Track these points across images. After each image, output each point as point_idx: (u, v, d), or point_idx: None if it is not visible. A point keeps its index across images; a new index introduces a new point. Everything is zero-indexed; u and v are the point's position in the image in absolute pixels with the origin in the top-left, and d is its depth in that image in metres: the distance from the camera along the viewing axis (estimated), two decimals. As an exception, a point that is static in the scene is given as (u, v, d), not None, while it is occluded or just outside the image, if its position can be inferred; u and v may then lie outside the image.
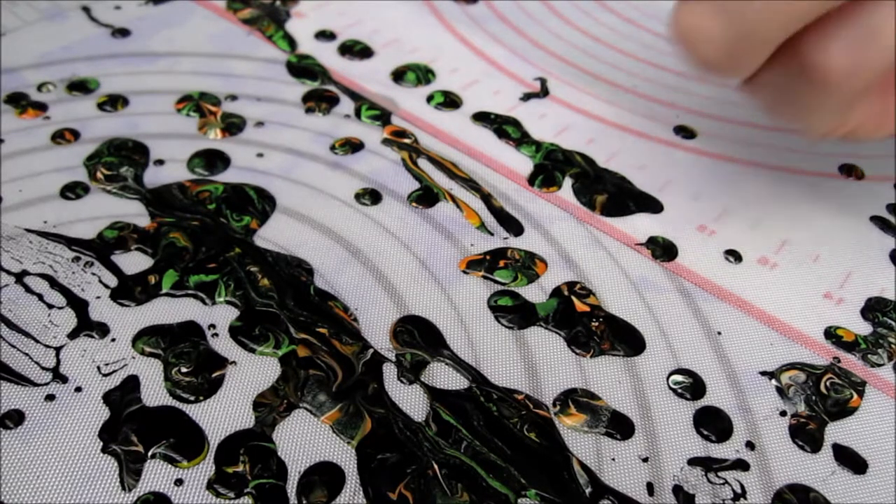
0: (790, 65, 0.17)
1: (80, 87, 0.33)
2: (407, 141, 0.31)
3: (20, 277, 0.25)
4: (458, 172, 0.30)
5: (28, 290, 0.24)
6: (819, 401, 0.23)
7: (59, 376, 0.22)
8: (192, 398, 0.22)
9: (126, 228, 0.27)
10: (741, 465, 0.21)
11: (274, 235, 0.27)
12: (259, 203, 0.28)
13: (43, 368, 0.23)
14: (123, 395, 0.22)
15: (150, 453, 0.21)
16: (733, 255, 0.27)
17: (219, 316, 0.24)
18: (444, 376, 0.23)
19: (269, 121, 0.32)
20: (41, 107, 0.31)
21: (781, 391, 0.23)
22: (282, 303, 0.25)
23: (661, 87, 0.35)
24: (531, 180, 0.30)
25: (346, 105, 0.33)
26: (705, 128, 0.33)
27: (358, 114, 0.32)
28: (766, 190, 0.30)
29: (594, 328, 0.25)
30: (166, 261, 0.26)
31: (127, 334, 0.24)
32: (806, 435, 0.22)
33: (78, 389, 0.22)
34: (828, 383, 0.24)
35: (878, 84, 0.18)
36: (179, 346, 0.23)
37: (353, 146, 0.31)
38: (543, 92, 0.34)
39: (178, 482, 0.20)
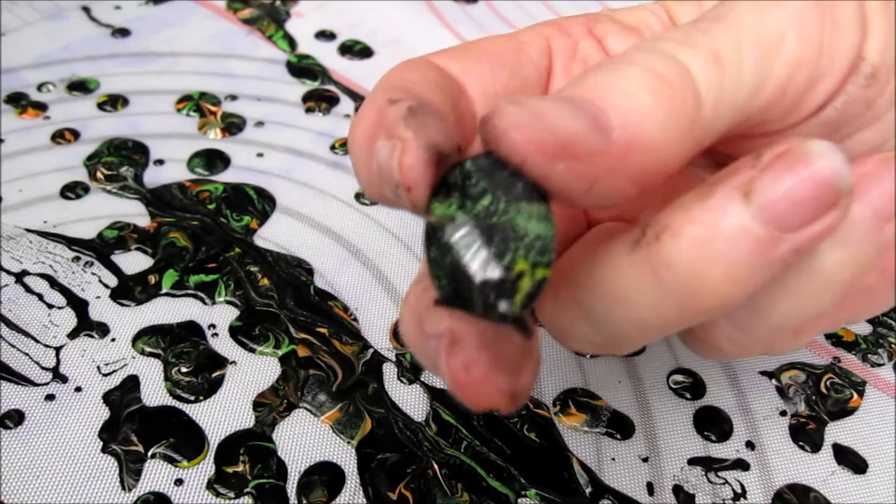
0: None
1: (80, 87, 0.33)
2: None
3: (20, 277, 0.25)
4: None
5: (28, 290, 0.24)
6: (819, 401, 0.23)
7: (59, 376, 0.22)
8: (192, 398, 0.22)
9: (126, 228, 0.27)
10: (741, 465, 0.21)
11: (274, 235, 0.27)
12: (259, 203, 0.28)
13: (43, 368, 0.23)
14: (123, 395, 0.22)
15: (150, 453, 0.21)
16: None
17: (219, 316, 0.24)
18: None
19: (269, 121, 0.32)
20: (41, 107, 0.31)
21: (781, 391, 0.23)
22: (282, 303, 0.25)
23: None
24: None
25: (346, 105, 0.33)
26: None
27: (358, 114, 0.32)
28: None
29: (594, 328, 0.25)
30: (166, 261, 0.26)
31: (127, 334, 0.24)
32: (806, 435, 0.22)
33: (78, 389, 0.22)
34: (828, 383, 0.24)
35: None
36: (179, 346, 0.23)
37: (353, 146, 0.31)
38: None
39: (178, 482, 0.20)
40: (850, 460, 0.22)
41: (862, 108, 0.15)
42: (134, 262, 0.26)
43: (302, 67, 0.34)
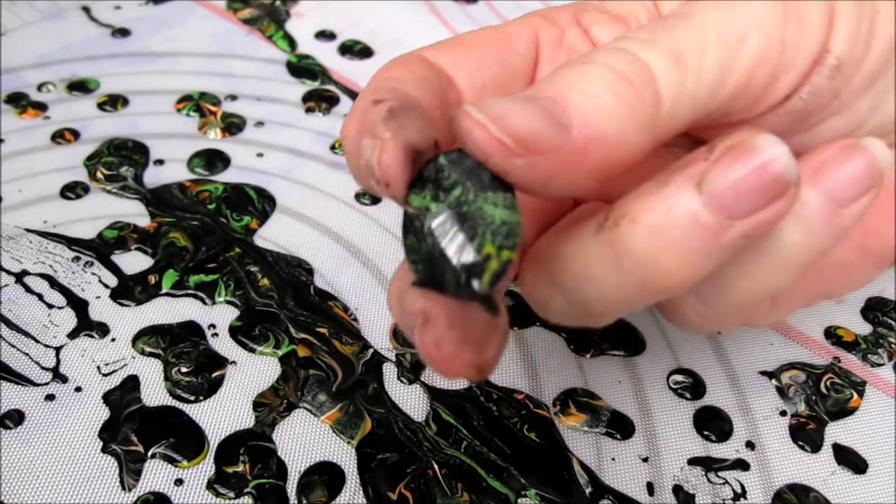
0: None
1: (80, 87, 0.33)
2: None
3: (20, 277, 0.25)
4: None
5: (28, 290, 0.24)
6: (819, 401, 0.23)
7: (59, 376, 0.22)
8: (192, 398, 0.22)
9: (126, 228, 0.27)
10: (741, 465, 0.21)
11: (274, 235, 0.27)
12: (259, 203, 0.28)
13: (43, 368, 0.23)
14: (123, 395, 0.22)
15: (150, 453, 0.21)
16: (733, 255, 0.27)
17: (219, 316, 0.24)
18: (444, 376, 0.23)
19: (269, 121, 0.32)
20: (41, 107, 0.31)
21: (781, 391, 0.23)
22: (282, 303, 0.25)
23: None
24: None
25: (346, 105, 0.33)
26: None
27: (358, 114, 0.32)
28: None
29: (594, 328, 0.25)
30: (166, 261, 0.26)
31: (127, 334, 0.24)
32: (806, 435, 0.22)
33: (78, 389, 0.22)
34: (828, 383, 0.24)
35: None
36: (179, 346, 0.23)
37: (353, 146, 0.31)
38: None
39: (178, 482, 0.20)
40: (850, 460, 0.22)
41: (828, 98, 0.16)
42: (134, 262, 0.26)
43: (302, 67, 0.34)
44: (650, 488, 0.21)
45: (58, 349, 0.23)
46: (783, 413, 0.23)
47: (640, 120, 0.14)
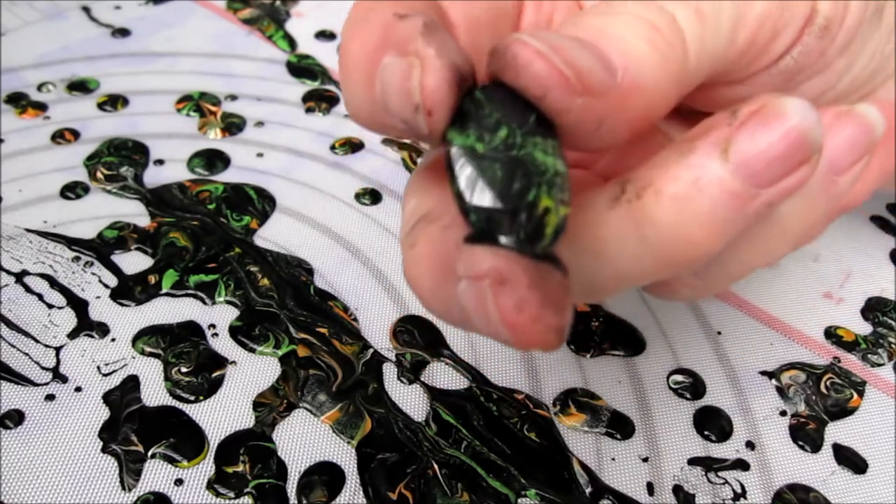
0: None
1: (80, 87, 0.33)
2: (407, 140, 0.31)
3: (20, 277, 0.25)
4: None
5: (28, 290, 0.24)
6: (819, 401, 0.23)
7: (59, 376, 0.22)
8: (192, 398, 0.22)
9: (126, 228, 0.27)
10: (741, 464, 0.21)
11: (274, 235, 0.27)
12: (259, 203, 0.28)
13: (43, 368, 0.23)
14: (123, 395, 0.22)
15: (150, 453, 0.21)
16: (733, 255, 0.27)
17: (219, 316, 0.24)
18: (444, 376, 0.23)
19: (269, 121, 0.32)
20: (41, 107, 0.31)
21: (781, 391, 0.23)
22: (282, 303, 0.25)
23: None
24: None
25: (346, 105, 0.33)
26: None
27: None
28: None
29: (594, 328, 0.25)
30: (166, 261, 0.26)
31: (127, 334, 0.24)
32: (806, 435, 0.22)
33: (78, 389, 0.22)
34: (828, 383, 0.24)
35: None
36: (179, 346, 0.23)
37: (353, 146, 0.31)
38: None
39: (178, 482, 0.20)
40: (850, 460, 0.22)
41: (815, 57, 0.16)
42: (134, 262, 0.26)
43: (302, 67, 0.34)
44: (650, 488, 0.21)
45: (58, 349, 0.23)
46: (783, 413, 0.23)
47: (671, 70, 0.13)
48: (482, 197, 0.12)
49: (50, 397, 0.22)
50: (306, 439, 0.21)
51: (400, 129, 0.13)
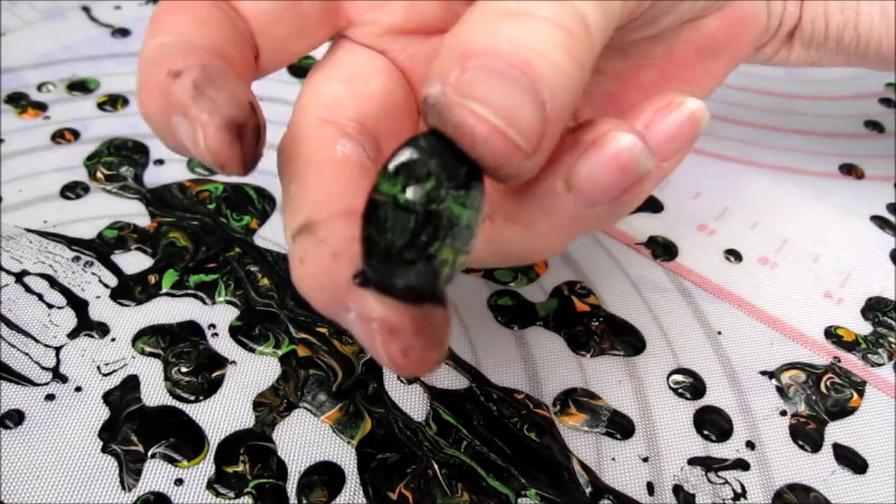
0: None
1: (80, 87, 0.33)
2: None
3: (20, 277, 0.25)
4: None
5: (28, 289, 0.24)
6: (819, 401, 0.23)
7: (59, 376, 0.22)
8: (192, 398, 0.22)
9: (126, 228, 0.27)
10: (741, 464, 0.21)
11: (274, 235, 0.27)
12: (259, 203, 0.28)
13: (43, 368, 0.23)
14: (123, 395, 0.22)
15: (150, 453, 0.21)
16: (733, 255, 0.27)
17: (219, 316, 0.24)
18: (444, 376, 0.23)
19: (269, 121, 0.31)
20: (41, 107, 0.31)
21: (781, 391, 0.23)
22: (282, 303, 0.25)
23: (661, 87, 0.35)
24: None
25: (346, 105, 0.33)
26: (705, 127, 0.33)
27: (358, 114, 0.32)
28: (766, 190, 0.30)
29: (594, 328, 0.25)
30: (166, 260, 0.26)
31: (127, 334, 0.24)
32: (806, 435, 0.22)
33: (78, 389, 0.22)
34: (828, 383, 0.24)
35: None
36: (179, 346, 0.23)
37: (353, 146, 0.31)
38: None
39: (178, 482, 0.20)
40: (850, 460, 0.22)
41: None
42: (134, 262, 0.26)
43: (302, 67, 0.34)
44: (650, 488, 0.21)
45: (58, 349, 0.23)
46: (783, 413, 0.23)
47: (585, 72, 0.13)
48: (387, 247, 0.13)
49: (50, 397, 0.22)
50: (306, 439, 0.21)
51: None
